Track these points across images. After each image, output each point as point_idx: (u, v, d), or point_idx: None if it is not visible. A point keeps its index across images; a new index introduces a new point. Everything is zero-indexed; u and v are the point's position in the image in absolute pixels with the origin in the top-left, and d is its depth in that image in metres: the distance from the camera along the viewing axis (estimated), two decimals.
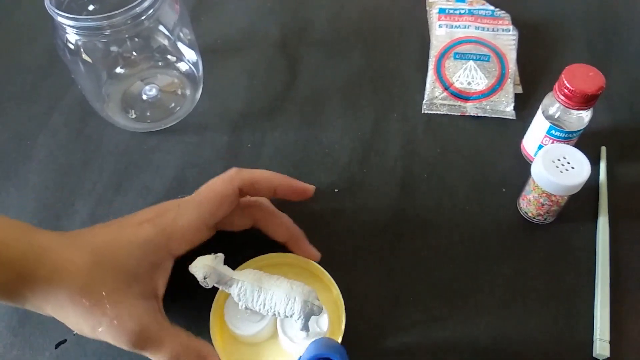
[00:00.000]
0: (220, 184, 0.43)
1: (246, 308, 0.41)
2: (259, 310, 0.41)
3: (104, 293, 0.38)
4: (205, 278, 0.39)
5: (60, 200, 0.53)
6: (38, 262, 0.37)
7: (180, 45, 0.55)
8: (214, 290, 0.43)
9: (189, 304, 0.46)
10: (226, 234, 0.47)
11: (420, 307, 0.46)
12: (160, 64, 0.58)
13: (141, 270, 0.40)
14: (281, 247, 0.47)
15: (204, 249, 0.44)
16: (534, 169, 0.46)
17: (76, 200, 0.53)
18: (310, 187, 0.48)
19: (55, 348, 0.45)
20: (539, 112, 0.51)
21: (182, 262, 0.43)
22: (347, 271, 0.47)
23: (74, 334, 0.45)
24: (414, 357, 0.44)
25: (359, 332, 0.45)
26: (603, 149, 0.55)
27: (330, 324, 0.43)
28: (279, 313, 0.40)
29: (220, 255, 0.40)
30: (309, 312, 0.40)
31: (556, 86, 0.48)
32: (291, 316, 0.40)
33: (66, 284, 0.37)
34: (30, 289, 0.37)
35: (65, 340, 0.45)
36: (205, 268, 0.39)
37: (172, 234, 0.41)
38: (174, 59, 0.58)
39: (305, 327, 0.41)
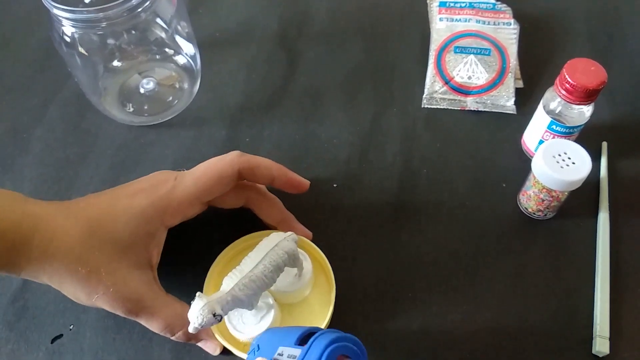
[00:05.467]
0: (221, 164, 0.43)
1: (255, 307, 0.40)
2: (268, 287, 0.40)
3: (99, 262, 0.38)
4: (214, 314, 0.37)
5: (57, 194, 0.53)
6: (32, 232, 0.37)
7: (177, 38, 0.55)
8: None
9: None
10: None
11: (419, 303, 0.46)
12: (157, 57, 0.58)
13: (136, 240, 0.40)
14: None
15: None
16: (535, 164, 0.46)
17: (73, 194, 0.52)
18: (306, 182, 0.48)
19: (51, 343, 0.44)
20: (540, 107, 0.50)
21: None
22: (345, 266, 0.47)
23: (70, 329, 0.45)
24: (413, 353, 0.43)
25: (357, 327, 0.45)
26: (604, 145, 0.54)
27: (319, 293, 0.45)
28: (280, 268, 0.40)
29: (199, 293, 0.38)
30: (293, 244, 0.41)
31: (557, 80, 0.48)
32: (287, 260, 0.40)
33: (62, 254, 0.38)
34: (25, 258, 0.37)
35: (61, 335, 0.45)
36: (206, 307, 0.37)
37: (167, 205, 0.41)
38: (171, 52, 0.57)
39: (299, 263, 0.42)
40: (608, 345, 0.43)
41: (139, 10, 0.48)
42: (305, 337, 0.34)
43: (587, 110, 0.49)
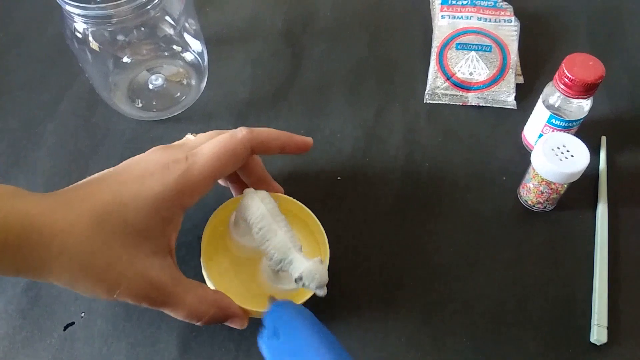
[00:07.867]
0: (234, 142, 0.42)
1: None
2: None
3: (117, 254, 0.36)
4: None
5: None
6: (27, 231, 0.33)
7: (185, 35, 0.56)
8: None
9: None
10: None
11: (420, 292, 0.47)
12: (166, 53, 0.59)
13: (151, 228, 0.38)
14: None
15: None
16: (534, 157, 0.47)
17: None
18: (309, 139, 0.48)
19: (64, 330, 0.46)
20: (540, 102, 0.51)
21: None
22: (349, 256, 0.48)
23: (81, 317, 0.46)
24: (414, 340, 0.45)
25: (359, 315, 0.46)
26: (603, 139, 0.55)
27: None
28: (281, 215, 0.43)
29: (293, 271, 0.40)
30: (266, 193, 0.43)
31: (556, 75, 0.49)
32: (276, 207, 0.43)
33: (70, 251, 0.35)
34: (22, 259, 0.34)
35: (73, 323, 0.46)
36: (318, 267, 0.39)
37: (184, 188, 0.39)
38: (179, 49, 0.59)
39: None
40: (606, 333, 0.44)
41: (148, 7, 0.49)
42: None
43: (585, 105, 0.50)
